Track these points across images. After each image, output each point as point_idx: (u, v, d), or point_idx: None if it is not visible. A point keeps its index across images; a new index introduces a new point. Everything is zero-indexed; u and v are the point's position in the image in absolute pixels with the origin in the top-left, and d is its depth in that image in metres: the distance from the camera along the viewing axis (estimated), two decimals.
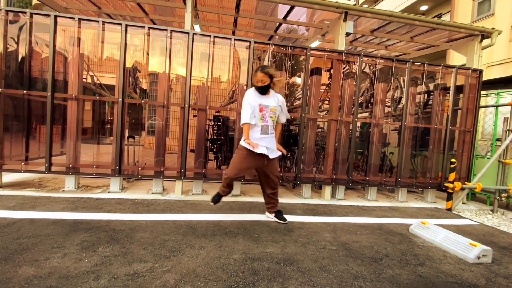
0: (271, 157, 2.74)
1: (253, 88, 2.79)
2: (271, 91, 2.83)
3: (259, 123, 2.72)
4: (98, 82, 5.81)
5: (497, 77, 7.63)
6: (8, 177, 4.03)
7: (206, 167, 3.96)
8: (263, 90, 2.73)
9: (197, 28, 5.17)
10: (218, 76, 4.85)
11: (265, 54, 4.18)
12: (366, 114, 5.36)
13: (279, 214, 2.99)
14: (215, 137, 5.00)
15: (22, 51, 3.67)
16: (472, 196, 4.96)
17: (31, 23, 3.51)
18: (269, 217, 3.04)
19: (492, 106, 4.68)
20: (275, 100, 2.81)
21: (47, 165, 3.50)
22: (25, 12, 3.45)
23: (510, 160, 4.23)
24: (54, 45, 3.46)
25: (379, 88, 4.41)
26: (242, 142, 2.71)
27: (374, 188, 4.42)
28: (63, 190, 3.61)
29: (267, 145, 2.74)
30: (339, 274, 1.93)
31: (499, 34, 4.65)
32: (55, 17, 3.44)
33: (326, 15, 4.74)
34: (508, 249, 2.68)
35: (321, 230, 2.82)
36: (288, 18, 5.20)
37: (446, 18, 9.65)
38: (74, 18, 3.49)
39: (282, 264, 2.02)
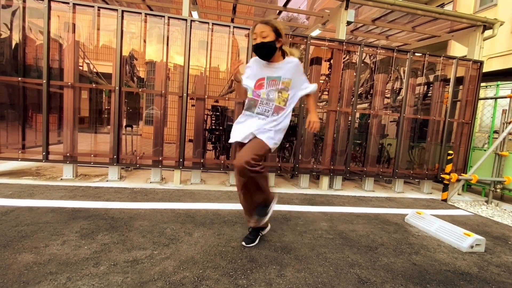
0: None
1: (254, 58, 2.05)
2: (282, 57, 1.99)
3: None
4: (95, 70, 5.71)
5: (497, 69, 7.59)
6: (5, 166, 4.01)
7: (205, 157, 3.96)
8: (267, 52, 1.88)
9: (195, 15, 5.05)
10: (216, 65, 4.77)
11: None
12: (365, 105, 5.34)
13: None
14: (213, 127, 4.98)
15: (16, 38, 3.58)
16: (468, 187, 5.02)
17: (24, 8, 3.41)
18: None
19: (491, 98, 4.67)
20: (286, 68, 1.94)
21: (44, 153, 3.48)
22: None
23: (507, 152, 4.27)
24: (49, 31, 3.38)
25: (379, 79, 4.38)
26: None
27: (371, 178, 4.45)
28: (61, 179, 3.60)
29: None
30: (336, 262, 1.97)
31: (501, 25, 4.59)
32: (49, 1, 3.34)
33: (327, 3, 4.65)
34: (501, 239, 2.73)
35: (318, 219, 2.85)
36: (288, 6, 5.09)
37: (448, 8, 9.50)
38: (68, 3, 3.39)
39: (280, 252, 2.05)
